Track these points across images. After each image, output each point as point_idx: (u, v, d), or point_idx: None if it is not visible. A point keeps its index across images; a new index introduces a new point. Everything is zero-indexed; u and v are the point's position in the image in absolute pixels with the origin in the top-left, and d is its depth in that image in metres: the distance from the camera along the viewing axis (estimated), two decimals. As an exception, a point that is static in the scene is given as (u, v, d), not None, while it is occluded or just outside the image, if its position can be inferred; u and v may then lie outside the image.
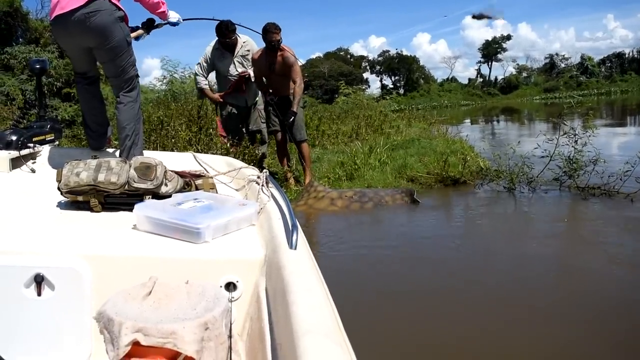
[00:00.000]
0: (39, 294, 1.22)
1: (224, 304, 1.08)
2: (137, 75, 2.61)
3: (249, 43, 4.96)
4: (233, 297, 1.22)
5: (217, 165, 2.36)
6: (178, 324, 1.00)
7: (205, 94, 5.15)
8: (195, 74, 5.17)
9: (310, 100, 24.46)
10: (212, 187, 1.94)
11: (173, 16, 2.87)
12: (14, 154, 2.34)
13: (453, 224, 4.10)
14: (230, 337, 1.08)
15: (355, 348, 0.79)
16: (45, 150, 2.58)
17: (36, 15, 12.05)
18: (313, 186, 4.72)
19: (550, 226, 3.77)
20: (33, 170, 2.35)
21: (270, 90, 4.92)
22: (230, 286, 1.24)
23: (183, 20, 2.98)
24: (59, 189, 1.70)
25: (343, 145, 7.67)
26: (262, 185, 1.79)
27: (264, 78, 4.98)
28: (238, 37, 4.88)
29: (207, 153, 3.70)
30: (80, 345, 1.22)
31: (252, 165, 2.40)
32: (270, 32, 4.67)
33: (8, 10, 12.26)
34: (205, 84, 5.08)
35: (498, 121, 21.27)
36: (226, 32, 4.76)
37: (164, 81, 12.31)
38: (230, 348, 1.07)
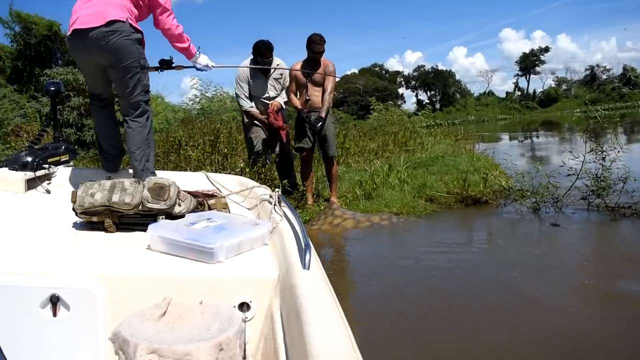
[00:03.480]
0: (55, 315, 1.26)
1: (238, 324, 1.12)
2: (148, 101, 2.65)
3: (282, 66, 5.00)
4: (247, 317, 1.25)
5: (230, 184, 2.41)
6: (193, 344, 1.04)
7: (254, 117, 5.05)
8: (237, 96, 5.18)
9: (345, 117, 24.73)
10: (225, 207, 1.99)
11: (202, 60, 2.86)
12: (30, 175, 2.43)
13: (472, 247, 4.01)
14: (244, 357, 1.11)
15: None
16: (60, 171, 2.67)
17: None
18: (332, 208, 4.76)
19: (577, 251, 3.67)
20: (48, 191, 2.43)
21: (305, 109, 5.01)
22: (243, 306, 1.27)
23: (213, 66, 2.92)
24: (73, 209, 1.77)
25: (366, 163, 7.67)
26: (275, 205, 1.83)
27: (298, 92, 5.10)
28: (273, 57, 4.91)
29: (221, 173, 3.77)
30: None
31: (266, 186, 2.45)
32: (315, 43, 4.83)
33: (47, 34, 12.95)
34: (251, 106, 5.04)
35: (536, 136, 20.81)
36: (265, 52, 4.79)
37: (196, 100, 12.71)
38: (244, 369, 1.10)
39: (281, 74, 5.03)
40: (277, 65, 4.95)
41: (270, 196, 1.94)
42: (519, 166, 5.50)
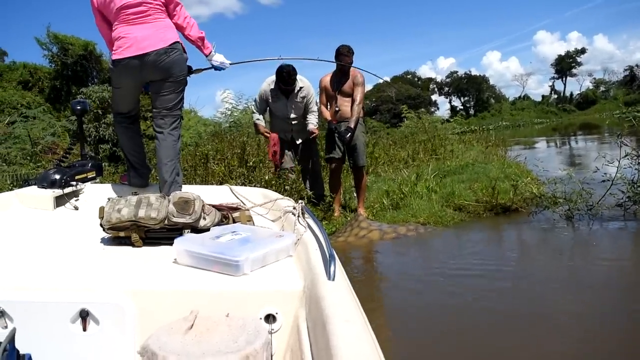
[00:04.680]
0: (85, 329, 1.30)
1: (265, 336, 1.13)
2: (182, 117, 2.79)
3: (306, 89, 5.08)
4: (273, 329, 1.27)
5: (253, 197, 2.45)
6: (220, 357, 1.06)
7: (258, 129, 5.30)
8: (252, 110, 5.39)
9: (378, 125, 24.82)
10: (249, 220, 2.02)
11: (218, 58, 2.90)
12: (58, 192, 2.51)
13: (500, 260, 3.86)
14: None
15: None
16: (87, 187, 2.75)
17: (109, 56, 13.75)
18: (358, 220, 4.76)
19: (611, 263, 3.53)
20: (76, 208, 2.51)
21: (334, 121, 5.08)
22: (270, 318, 1.29)
23: (230, 64, 2.97)
24: (101, 225, 1.82)
25: (395, 172, 7.62)
26: (298, 216, 1.85)
27: (328, 104, 5.18)
28: (296, 82, 5.00)
29: (246, 185, 3.82)
30: None
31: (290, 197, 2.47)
32: (342, 55, 4.94)
33: (83, 54, 13.56)
34: (258, 119, 5.24)
35: (573, 140, 20.26)
36: (288, 80, 4.89)
37: (227, 113, 13.11)
38: (271, 381, 1.11)
39: (303, 97, 5.08)
40: (301, 87, 5.03)
41: (294, 208, 1.96)
42: (552, 172, 5.36)
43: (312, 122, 5.12)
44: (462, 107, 58.90)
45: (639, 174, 4.63)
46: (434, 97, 59.33)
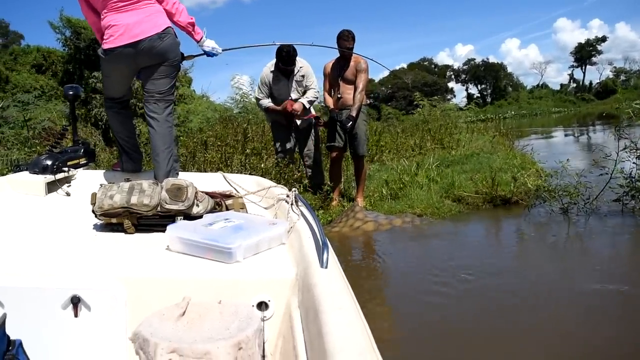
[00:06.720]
0: (76, 315, 1.31)
1: (257, 323, 1.14)
2: (175, 102, 2.77)
3: (305, 68, 5.07)
4: (265, 317, 1.28)
5: (247, 184, 2.45)
6: (212, 344, 1.07)
7: (273, 110, 5.15)
8: (256, 100, 5.32)
9: (393, 112, 24.83)
10: (242, 207, 2.03)
11: (209, 44, 2.89)
12: (50, 178, 2.51)
13: (491, 255, 3.85)
14: (263, 356, 1.13)
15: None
16: (79, 173, 2.75)
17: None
18: (354, 211, 4.77)
19: (606, 261, 3.52)
20: (68, 194, 2.51)
21: (336, 109, 5.08)
22: (262, 305, 1.30)
23: (222, 50, 2.98)
24: (93, 211, 1.82)
25: (398, 161, 7.57)
26: (292, 204, 1.86)
27: (331, 90, 5.17)
28: (296, 62, 4.98)
29: (242, 173, 3.82)
30: None
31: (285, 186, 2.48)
32: (342, 40, 4.94)
33: (95, 37, 13.51)
34: (269, 102, 5.12)
35: (587, 130, 19.98)
36: (288, 60, 4.86)
37: (237, 99, 13.21)
38: (262, 368, 1.13)
39: (303, 76, 5.07)
40: (301, 67, 5.02)
41: (288, 195, 1.96)
42: (555, 164, 5.30)
43: (308, 96, 5.08)
44: (479, 95, 58.72)
45: (637, 168, 4.59)
46: (451, 84, 59.47)
